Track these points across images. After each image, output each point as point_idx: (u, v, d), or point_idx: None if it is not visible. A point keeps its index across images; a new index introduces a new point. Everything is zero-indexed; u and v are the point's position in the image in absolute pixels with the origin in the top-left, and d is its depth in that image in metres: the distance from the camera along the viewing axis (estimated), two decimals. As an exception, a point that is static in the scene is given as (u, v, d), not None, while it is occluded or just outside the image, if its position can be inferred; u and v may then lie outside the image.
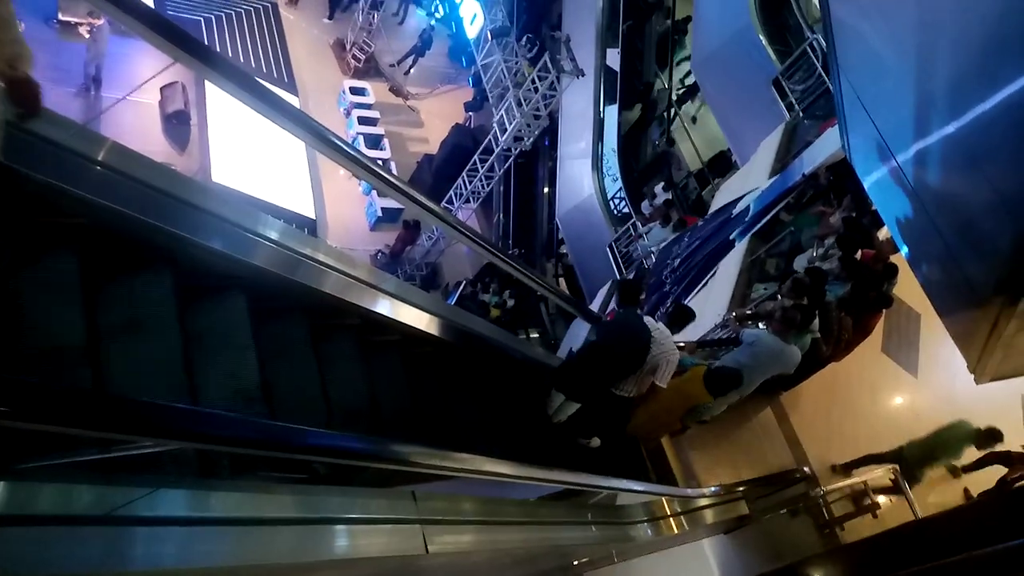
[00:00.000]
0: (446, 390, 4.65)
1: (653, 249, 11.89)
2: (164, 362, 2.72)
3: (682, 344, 5.73)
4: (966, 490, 7.73)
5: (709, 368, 5.35)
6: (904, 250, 4.82)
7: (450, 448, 2.68)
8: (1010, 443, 8.17)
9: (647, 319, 4.94)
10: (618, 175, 16.29)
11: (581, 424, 5.46)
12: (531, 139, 14.93)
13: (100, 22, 13.64)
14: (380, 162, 4.97)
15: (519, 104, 14.16)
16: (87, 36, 13.79)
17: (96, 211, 2.57)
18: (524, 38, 15.51)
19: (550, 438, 5.43)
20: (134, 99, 14.49)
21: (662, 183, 14.73)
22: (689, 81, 16.57)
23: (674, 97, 16.74)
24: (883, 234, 7.65)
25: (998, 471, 7.27)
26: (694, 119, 17.04)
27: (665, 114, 17.03)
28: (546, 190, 19.38)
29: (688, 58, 15.80)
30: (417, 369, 4.42)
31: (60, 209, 2.50)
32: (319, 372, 3.51)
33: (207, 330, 3.02)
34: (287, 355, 3.40)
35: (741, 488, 5.88)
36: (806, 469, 6.53)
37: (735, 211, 7.68)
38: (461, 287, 16.84)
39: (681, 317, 5.48)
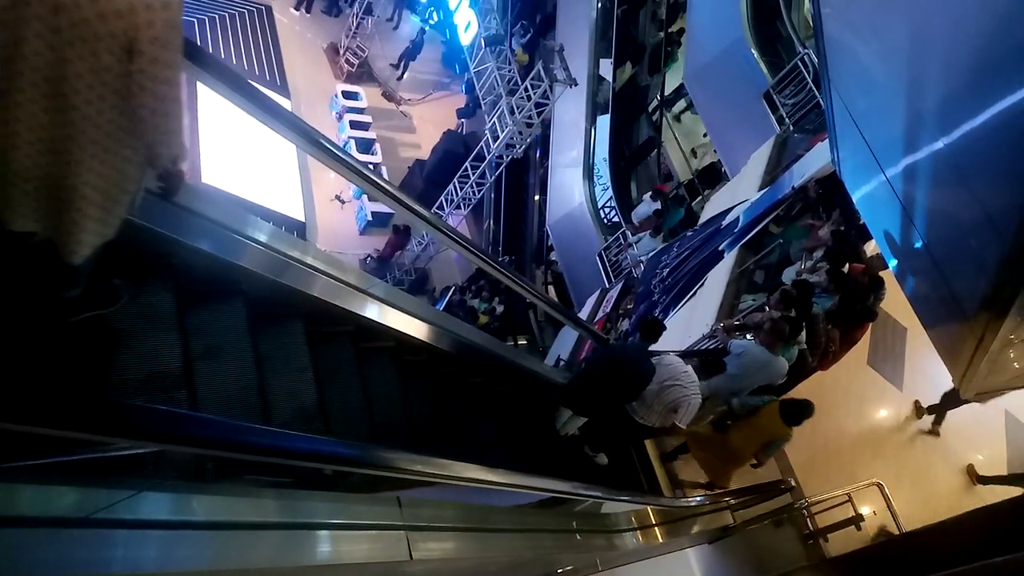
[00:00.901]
0: (470, 406, 5.05)
1: (642, 258, 11.94)
2: (241, 383, 3.07)
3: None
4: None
5: (782, 401, 5.44)
6: (892, 264, 4.86)
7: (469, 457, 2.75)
8: (992, 458, 8.27)
9: (676, 361, 5.01)
10: (609, 184, 16.35)
11: (589, 438, 5.57)
12: (523, 147, 14.94)
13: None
14: (371, 166, 5.09)
15: (511, 112, 14.18)
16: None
17: (186, 252, 2.94)
18: (519, 24, 15.41)
19: (555, 448, 5.55)
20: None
21: (650, 192, 14.79)
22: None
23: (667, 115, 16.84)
24: (872, 248, 7.71)
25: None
26: (694, 152, 17.14)
27: (656, 119, 17.12)
28: (537, 198, 19.42)
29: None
30: (443, 387, 4.81)
31: (163, 252, 2.84)
32: (363, 390, 3.89)
33: (272, 353, 3.39)
34: (337, 375, 3.78)
35: (726, 498, 5.89)
36: (791, 480, 6.55)
37: (724, 222, 7.74)
38: (450, 293, 16.82)
39: (713, 367, 5.59)
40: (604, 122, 16.73)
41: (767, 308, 6.87)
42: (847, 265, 7.35)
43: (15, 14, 1.70)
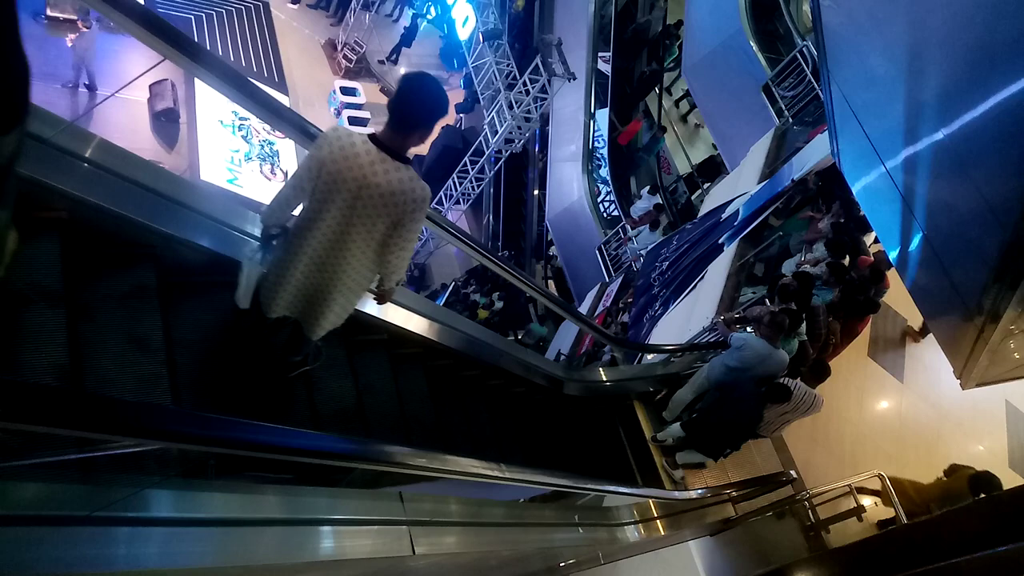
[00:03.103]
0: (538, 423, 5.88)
1: (641, 252, 11.92)
2: (390, 410, 3.99)
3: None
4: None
5: (975, 473, 6.15)
6: (892, 255, 4.85)
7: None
8: (993, 449, 8.28)
9: (798, 384, 5.49)
10: (608, 178, 16.29)
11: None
12: (521, 141, 14.91)
13: (82, 31, 13.62)
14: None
15: (510, 106, 14.15)
16: (69, 43, 13.73)
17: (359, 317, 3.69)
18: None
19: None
20: (123, 96, 14.38)
21: (648, 186, 14.74)
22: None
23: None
24: (873, 239, 7.70)
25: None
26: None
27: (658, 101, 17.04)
28: (536, 192, 19.37)
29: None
30: (515, 405, 5.67)
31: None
32: (464, 414, 4.90)
33: (405, 388, 4.27)
34: (449, 404, 4.70)
35: (727, 490, 5.89)
36: (792, 472, 6.55)
37: (724, 215, 7.70)
38: (451, 288, 16.81)
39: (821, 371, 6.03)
40: (603, 115, 16.65)
41: (767, 301, 6.86)
42: (847, 258, 7.34)
43: (330, 196, 2.64)
